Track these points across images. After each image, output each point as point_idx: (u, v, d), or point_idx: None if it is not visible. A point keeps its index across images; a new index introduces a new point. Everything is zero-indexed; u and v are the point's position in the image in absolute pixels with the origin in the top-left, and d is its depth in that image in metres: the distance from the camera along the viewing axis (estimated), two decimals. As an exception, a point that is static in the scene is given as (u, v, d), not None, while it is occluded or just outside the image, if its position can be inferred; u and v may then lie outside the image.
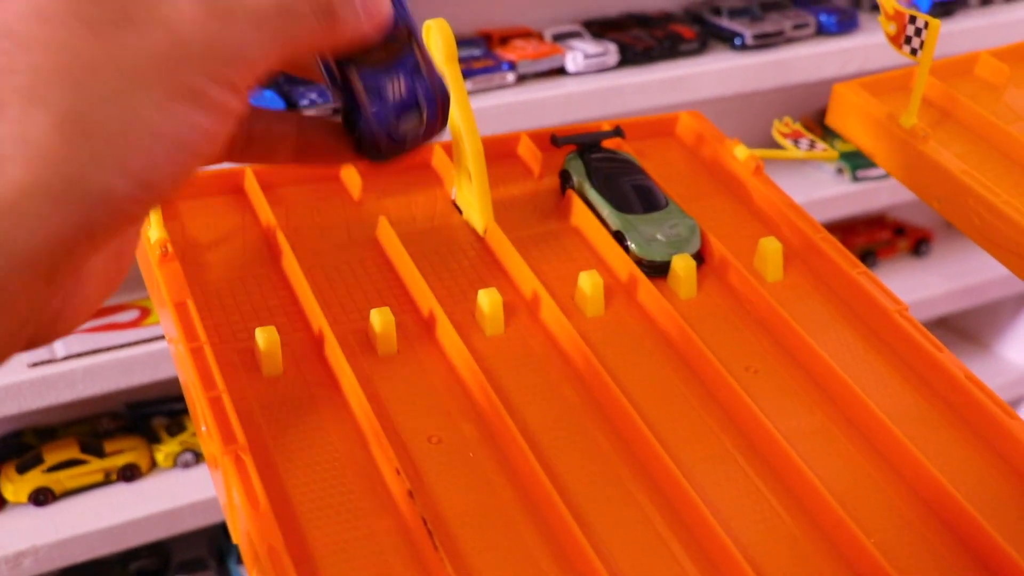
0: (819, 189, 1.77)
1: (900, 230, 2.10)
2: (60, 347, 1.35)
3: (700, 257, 0.71)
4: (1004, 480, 0.58)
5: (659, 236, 0.71)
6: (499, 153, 0.80)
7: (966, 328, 2.26)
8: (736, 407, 0.59)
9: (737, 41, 1.62)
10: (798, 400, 0.61)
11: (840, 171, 1.78)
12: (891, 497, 0.56)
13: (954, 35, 1.73)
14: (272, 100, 1.43)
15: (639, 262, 0.70)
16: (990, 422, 0.59)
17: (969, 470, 0.58)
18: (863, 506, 0.55)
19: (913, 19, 0.83)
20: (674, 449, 0.56)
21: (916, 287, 2.01)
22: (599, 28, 1.64)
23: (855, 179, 1.72)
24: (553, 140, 0.79)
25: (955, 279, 2.00)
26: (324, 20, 0.39)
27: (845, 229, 2.05)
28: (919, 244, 2.11)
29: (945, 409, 0.61)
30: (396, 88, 0.44)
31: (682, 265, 0.69)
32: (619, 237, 0.71)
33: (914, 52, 0.84)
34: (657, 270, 0.70)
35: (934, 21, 0.81)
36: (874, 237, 2.07)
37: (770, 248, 0.71)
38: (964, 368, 0.62)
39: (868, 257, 2.06)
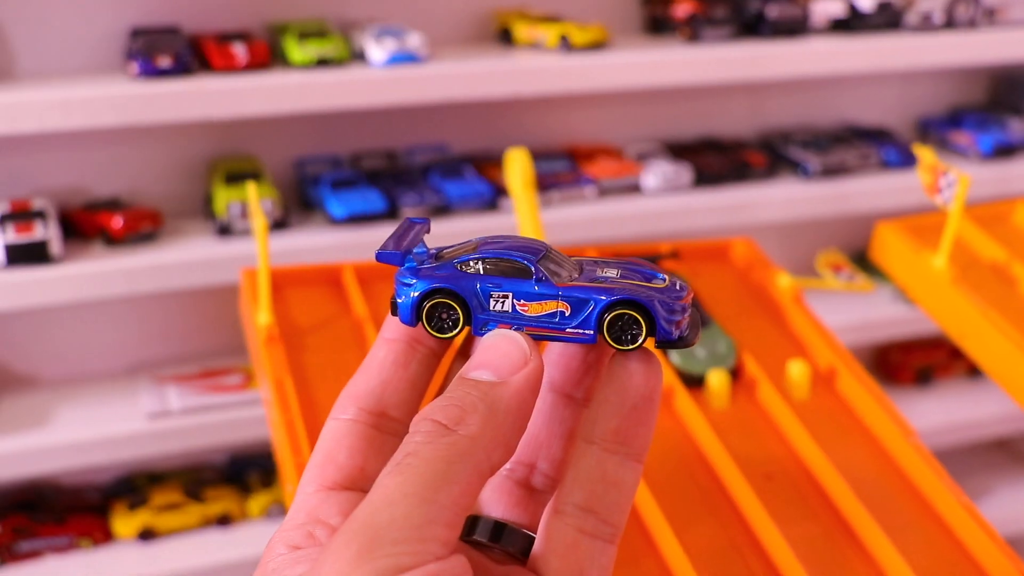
0: (878, 310, 1.79)
1: (958, 352, 2.09)
2: (175, 402, 1.45)
3: (735, 373, 0.76)
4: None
5: (699, 352, 0.76)
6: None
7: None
8: (749, 510, 0.63)
9: (804, 170, 1.67)
10: (806, 507, 0.65)
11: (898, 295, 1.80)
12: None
13: (1016, 178, 1.74)
14: (375, 200, 1.45)
15: (679, 373, 0.75)
16: (983, 549, 0.62)
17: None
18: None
19: (946, 173, 0.87)
20: (689, 542, 0.60)
21: (970, 407, 1.98)
22: (677, 150, 1.69)
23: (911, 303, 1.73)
24: (614, 258, 0.85)
25: (1010, 403, 1.96)
26: (483, 448, 0.33)
27: (904, 348, 2.04)
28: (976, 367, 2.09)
29: (941, 532, 0.64)
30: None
31: (717, 379, 0.73)
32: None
33: (945, 203, 0.88)
34: (695, 381, 0.75)
35: (964, 177, 0.85)
36: (931, 357, 2.06)
37: (798, 370, 0.75)
38: (963, 496, 0.65)
39: (925, 376, 2.05)
